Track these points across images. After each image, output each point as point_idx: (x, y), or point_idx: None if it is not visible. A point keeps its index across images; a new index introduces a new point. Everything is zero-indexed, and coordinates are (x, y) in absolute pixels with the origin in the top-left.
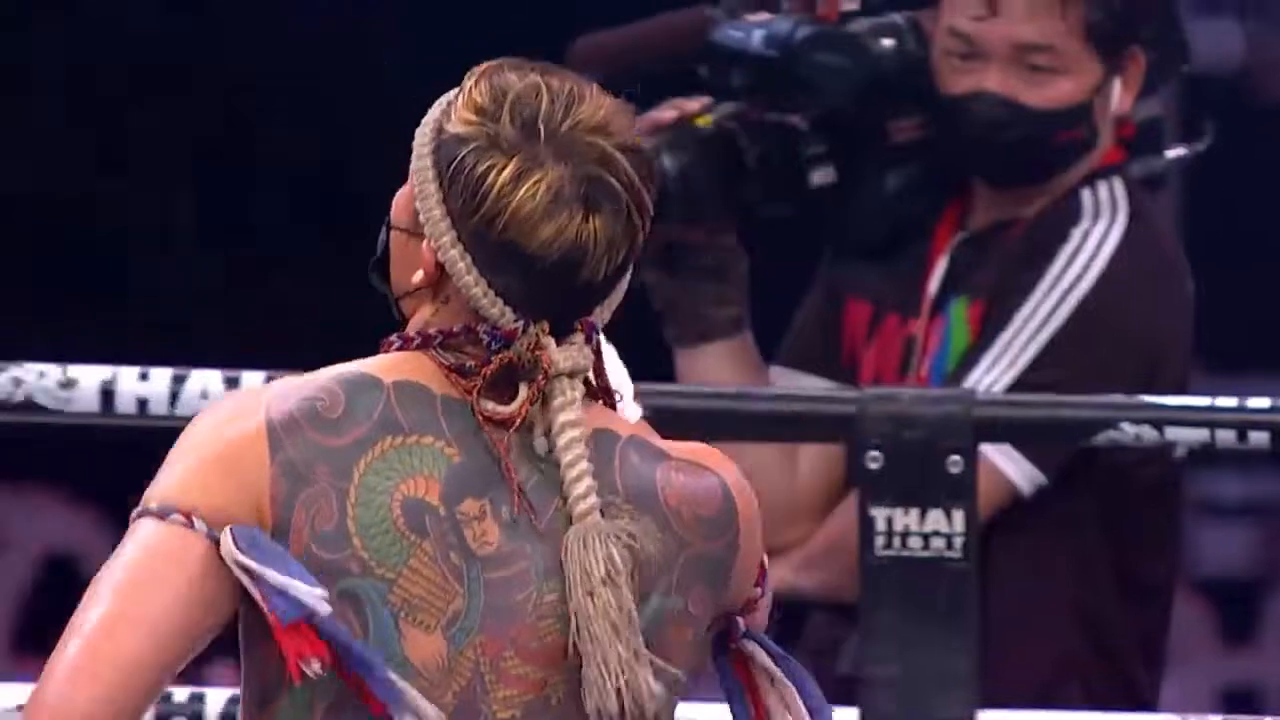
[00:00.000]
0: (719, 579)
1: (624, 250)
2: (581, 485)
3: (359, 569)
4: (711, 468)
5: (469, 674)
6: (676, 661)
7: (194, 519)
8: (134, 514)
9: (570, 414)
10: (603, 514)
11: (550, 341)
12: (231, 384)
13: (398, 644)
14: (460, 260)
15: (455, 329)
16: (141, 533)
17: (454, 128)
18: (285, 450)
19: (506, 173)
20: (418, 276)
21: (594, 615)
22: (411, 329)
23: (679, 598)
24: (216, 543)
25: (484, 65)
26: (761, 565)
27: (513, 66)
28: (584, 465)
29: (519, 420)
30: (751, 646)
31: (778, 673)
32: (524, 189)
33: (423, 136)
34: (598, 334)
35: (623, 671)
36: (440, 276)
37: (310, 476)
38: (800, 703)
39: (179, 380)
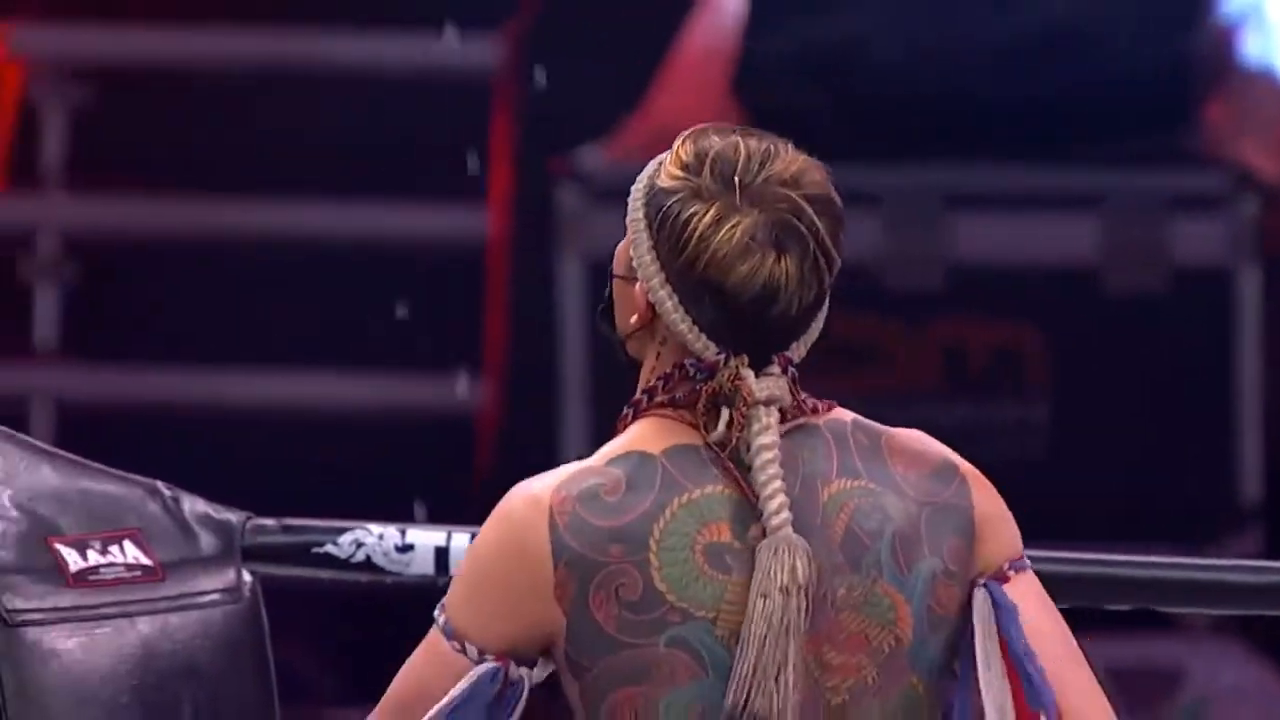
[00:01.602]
0: (967, 528)
1: (813, 290)
2: (775, 502)
3: (679, 618)
4: (921, 437)
5: (802, 675)
6: (949, 615)
7: (466, 646)
8: (437, 611)
9: (766, 438)
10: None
11: (749, 373)
12: None
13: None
14: (668, 299)
15: (669, 370)
16: (430, 639)
17: (662, 182)
18: (569, 550)
19: (707, 218)
20: (634, 318)
21: (757, 616)
22: (641, 387)
23: (936, 558)
24: (479, 662)
25: (691, 129)
26: (1018, 555)
27: (716, 129)
28: (778, 484)
29: (730, 444)
30: (979, 594)
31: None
32: (722, 232)
33: (637, 191)
34: (794, 367)
35: (756, 677)
36: (653, 317)
37: (603, 560)
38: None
39: None
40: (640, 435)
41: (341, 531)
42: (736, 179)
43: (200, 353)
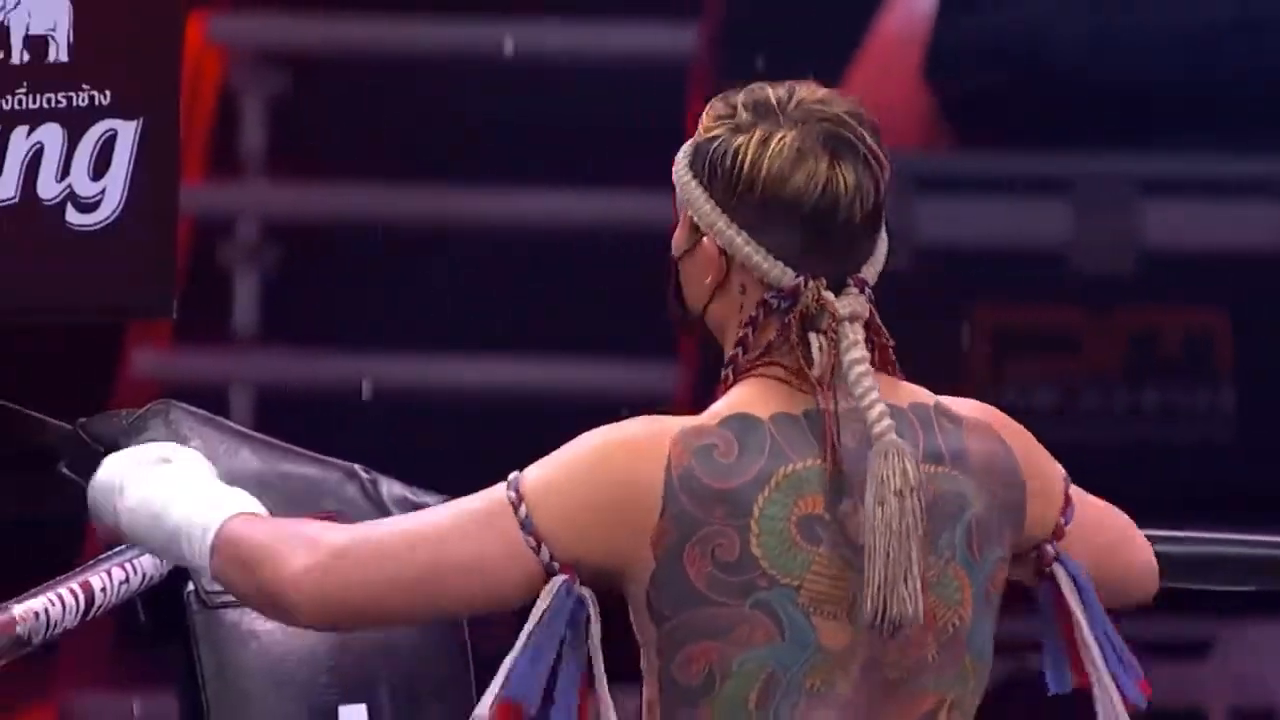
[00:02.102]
0: (1019, 521)
1: (871, 196)
2: (876, 410)
3: (766, 584)
4: (988, 421)
5: (866, 646)
6: (996, 597)
7: (542, 548)
8: (512, 479)
9: (856, 353)
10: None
11: (830, 294)
12: None
13: (810, 635)
14: (736, 235)
15: (754, 313)
16: (502, 520)
17: (701, 139)
18: (679, 503)
19: (753, 141)
20: (708, 278)
21: (877, 524)
22: (729, 350)
23: (1000, 546)
24: (547, 571)
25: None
26: (1066, 494)
27: (734, 89)
28: (875, 395)
29: (830, 371)
30: (1060, 571)
31: (1074, 600)
32: (771, 148)
33: (679, 164)
34: (870, 288)
35: (887, 584)
36: (727, 267)
37: (707, 519)
38: (1088, 630)
39: None
40: (747, 398)
41: None
42: (773, 104)
43: (398, 337)
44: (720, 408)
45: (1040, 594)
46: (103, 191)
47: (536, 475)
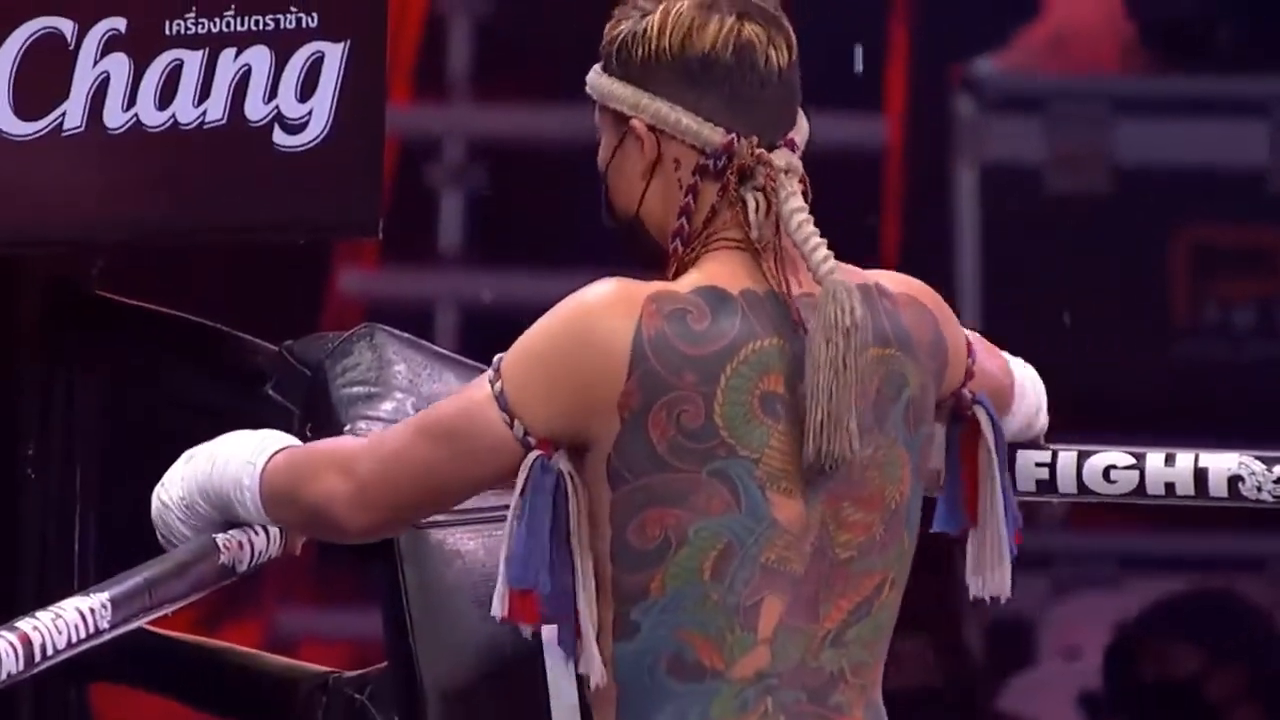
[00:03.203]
0: (940, 384)
1: (785, 53)
2: (819, 253)
3: (725, 453)
4: (913, 294)
5: (819, 526)
6: (931, 464)
7: (515, 422)
8: (494, 363)
9: (795, 202)
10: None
11: (764, 149)
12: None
13: (765, 509)
14: (662, 105)
15: (691, 180)
16: (477, 395)
17: (607, 38)
18: (648, 363)
19: (657, 15)
20: (641, 165)
21: (821, 361)
22: (675, 219)
23: (928, 421)
24: (524, 444)
25: None
26: (967, 339)
27: None
28: (817, 238)
29: (774, 230)
30: (980, 413)
31: (991, 440)
32: (676, 13)
33: (591, 77)
34: (798, 149)
35: (829, 423)
36: (658, 142)
37: (674, 383)
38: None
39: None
40: (716, 271)
41: None
42: None
43: (603, 256)
44: (693, 278)
45: (950, 434)
46: (309, 113)
47: (512, 349)
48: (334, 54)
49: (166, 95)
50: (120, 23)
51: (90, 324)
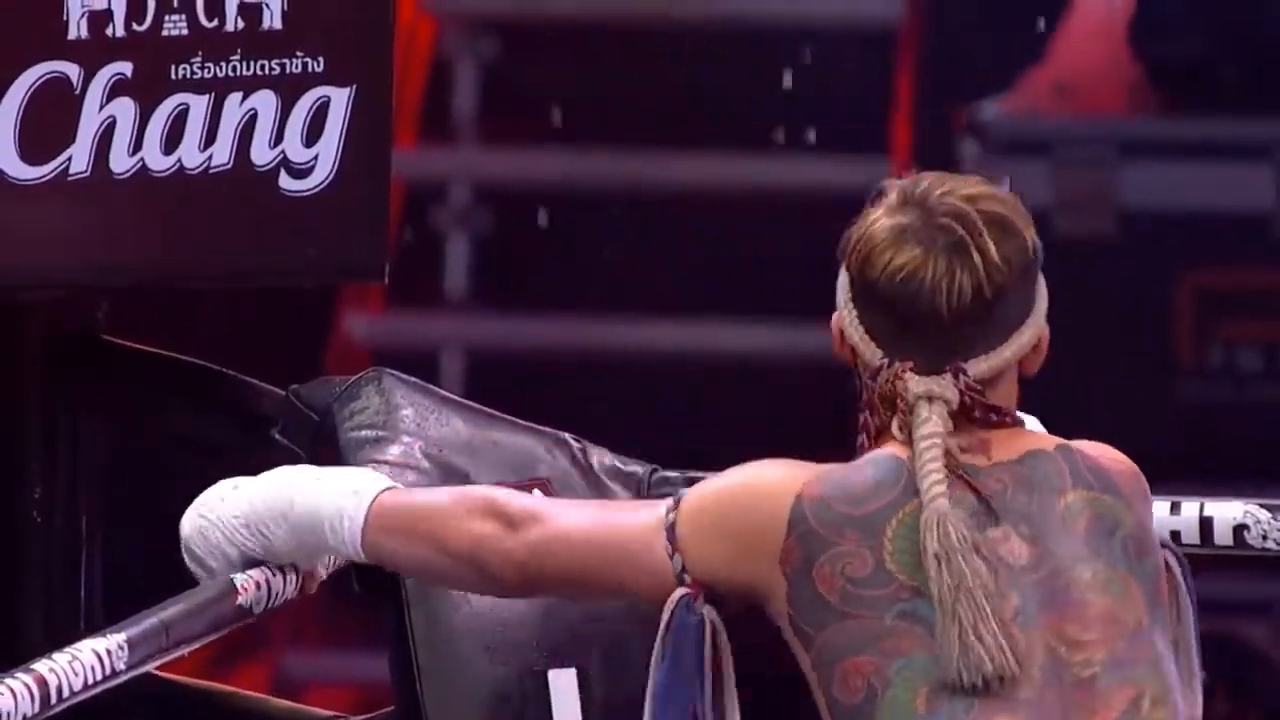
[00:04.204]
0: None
1: (969, 294)
2: (930, 480)
3: (909, 595)
4: (1115, 456)
5: (1043, 649)
6: (1164, 603)
7: (674, 555)
8: (672, 500)
9: (926, 429)
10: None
11: (910, 375)
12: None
13: None
14: (847, 314)
15: (869, 383)
16: (652, 518)
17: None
18: (806, 524)
19: (867, 221)
20: (844, 354)
21: (941, 584)
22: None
23: (1156, 556)
24: (678, 579)
25: None
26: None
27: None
28: (936, 468)
29: (900, 438)
30: (1172, 560)
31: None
32: (876, 229)
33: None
34: (965, 375)
35: (966, 630)
36: (844, 343)
37: (837, 540)
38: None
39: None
40: (890, 446)
41: None
42: (911, 191)
43: (609, 302)
44: (874, 453)
45: None
46: (315, 157)
47: (693, 490)
48: (340, 98)
49: (172, 140)
50: (126, 67)
51: (96, 367)
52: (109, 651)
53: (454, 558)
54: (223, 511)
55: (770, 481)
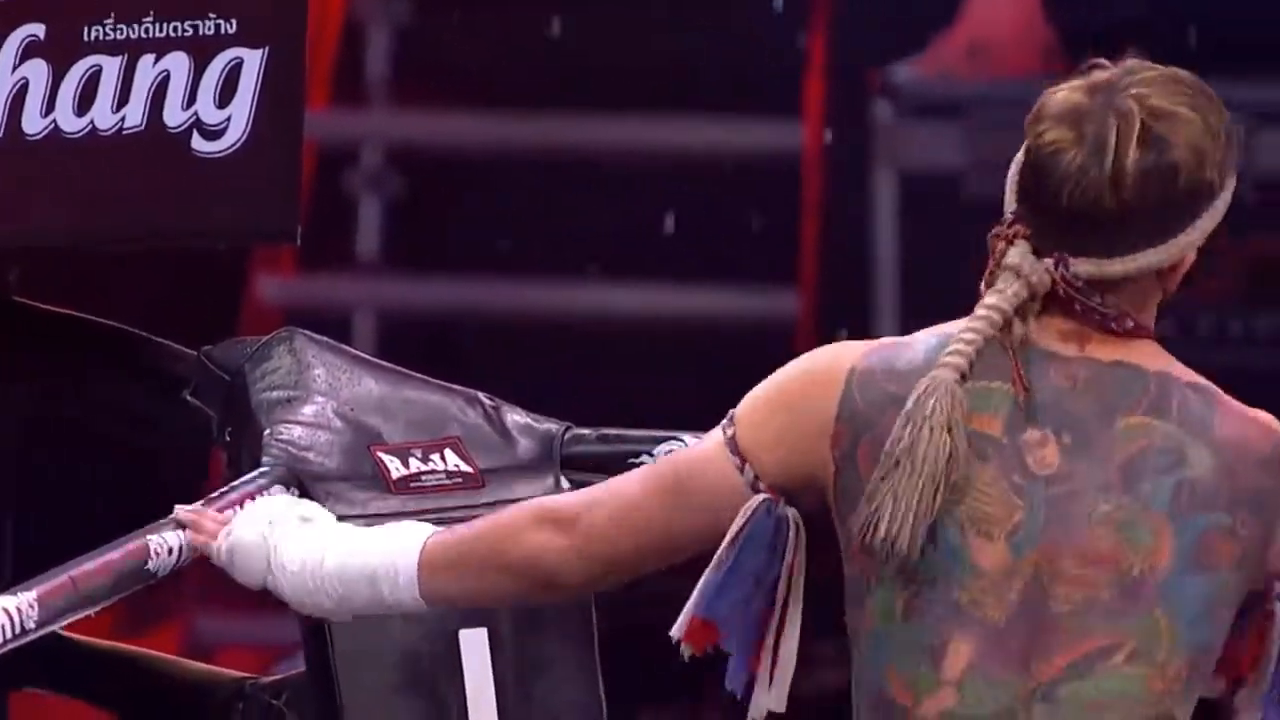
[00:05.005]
0: (1268, 515)
1: (1090, 197)
2: (953, 348)
3: None
4: (1263, 419)
5: (1029, 575)
6: (1218, 567)
7: (745, 467)
8: (726, 420)
9: (991, 299)
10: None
11: (1020, 243)
12: None
13: (964, 551)
14: (1020, 155)
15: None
16: (708, 444)
17: None
18: (853, 403)
19: (1060, 90)
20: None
21: (896, 447)
22: None
23: (1227, 515)
24: (753, 488)
25: None
26: None
27: None
28: (969, 336)
29: (1001, 311)
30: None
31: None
32: (1060, 94)
33: None
34: (1065, 268)
35: (884, 503)
36: None
37: (880, 418)
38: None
39: None
40: (959, 322)
41: (658, 442)
42: (1108, 77)
43: (520, 264)
44: (939, 326)
45: (1241, 623)
46: (228, 119)
47: (746, 397)
48: (253, 60)
49: (85, 101)
50: (39, 29)
51: (7, 329)
52: (19, 609)
53: (517, 575)
54: (275, 560)
55: (821, 364)
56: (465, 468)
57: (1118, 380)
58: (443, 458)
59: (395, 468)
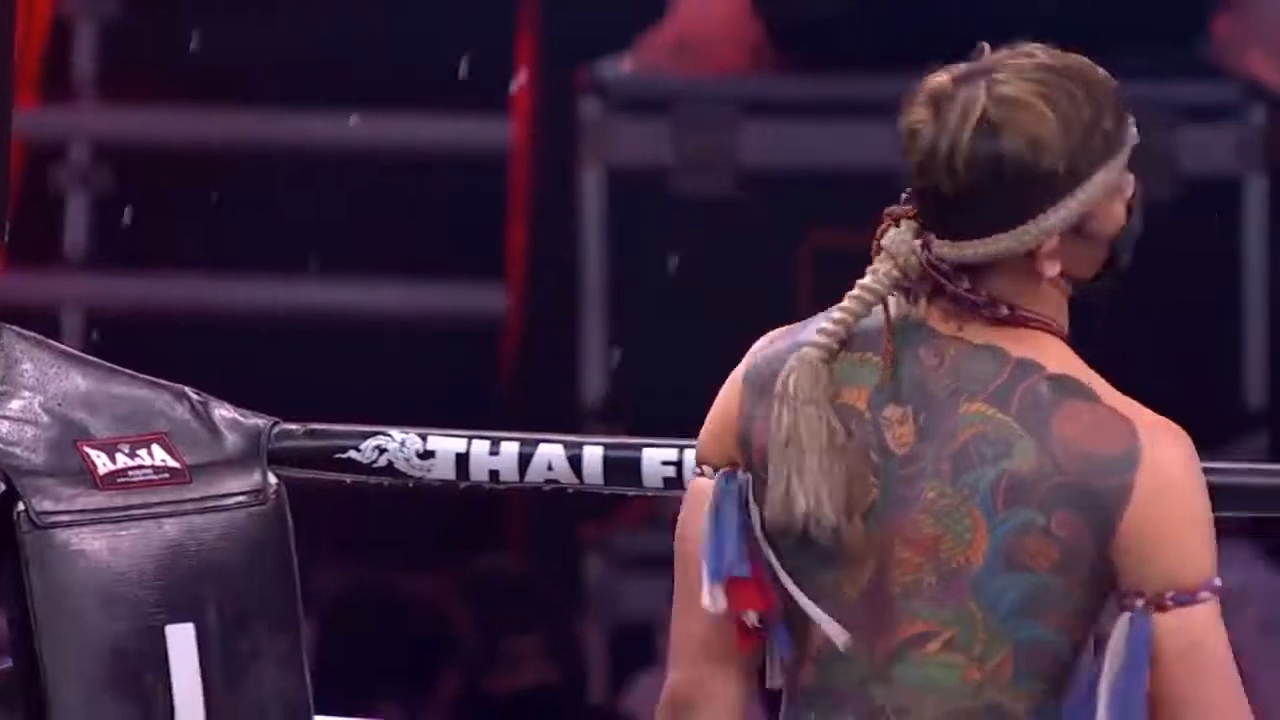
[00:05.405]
0: (1097, 516)
1: (940, 173)
2: (825, 326)
3: None
4: (1132, 419)
5: (879, 554)
6: (1034, 569)
7: (705, 468)
8: (695, 457)
9: (865, 279)
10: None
11: (904, 224)
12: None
13: (838, 531)
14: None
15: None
16: (691, 502)
17: None
18: (746, 397)
19: (938, 74)
20: None
21: (776, 428)
22: None
23: (1041, 514)
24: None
25: None
26: (1197, 587)
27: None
28: (838, 316)
29: (873, 291)
30: (1123, 623)
31: (1113, 656)
32: (935, 78)
33: None
34: (929, 251)
35: (786, 478)
36: None
37: (763, 404)
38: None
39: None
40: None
41: (365, 437)
42: (984, 60)
43: (229, 260)
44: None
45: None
46: None
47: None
48: None
49: None
50: None
51: None
52: None
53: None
54: None
55: (739, 366)
56: (172, 463)
57: (977, 363)
58: (150, 453)
59: (102, 463)
